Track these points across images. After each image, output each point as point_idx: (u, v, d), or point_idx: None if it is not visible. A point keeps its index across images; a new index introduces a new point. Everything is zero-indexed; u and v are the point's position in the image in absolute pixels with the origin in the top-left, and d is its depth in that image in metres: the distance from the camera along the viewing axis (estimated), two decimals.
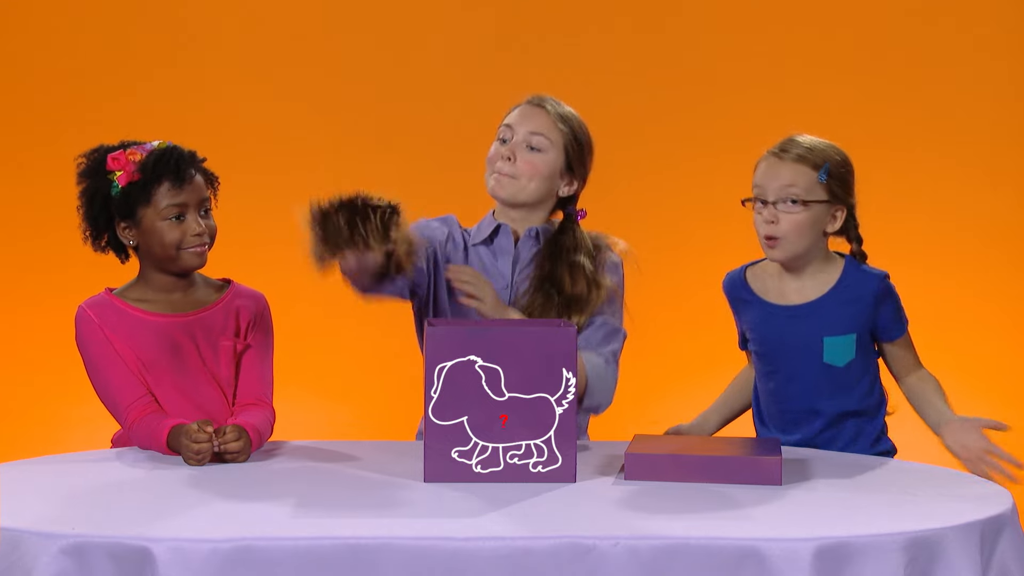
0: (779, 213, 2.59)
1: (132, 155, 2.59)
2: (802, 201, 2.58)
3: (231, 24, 4.44)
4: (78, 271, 4.35)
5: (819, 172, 2.59)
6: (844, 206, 2.63)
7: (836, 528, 1.93)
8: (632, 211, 4.43)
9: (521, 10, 4.43)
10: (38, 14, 4.40)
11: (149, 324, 2.60)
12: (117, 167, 2.59)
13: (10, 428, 4.34)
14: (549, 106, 2.77)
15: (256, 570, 1.83)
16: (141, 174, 2.58)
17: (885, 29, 4.38)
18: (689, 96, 4.43)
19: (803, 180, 2.59)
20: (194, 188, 2.61)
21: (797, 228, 2.59)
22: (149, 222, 2.59)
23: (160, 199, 2.58)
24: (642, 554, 1.87)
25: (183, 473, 2.32)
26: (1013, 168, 4.36)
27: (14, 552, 1.88)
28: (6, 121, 4.40)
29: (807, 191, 2.59)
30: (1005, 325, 4.35)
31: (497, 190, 2.74)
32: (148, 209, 2.59)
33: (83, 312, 2.64)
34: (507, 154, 2.72)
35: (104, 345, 2.59)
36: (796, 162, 2.60)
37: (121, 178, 2.59)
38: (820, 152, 2.62)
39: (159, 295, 2.63)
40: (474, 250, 2.76)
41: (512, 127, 2.75)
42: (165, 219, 2.58)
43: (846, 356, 2.63)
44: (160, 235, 2.59)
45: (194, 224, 2.60)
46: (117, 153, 2.60)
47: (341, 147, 4.42)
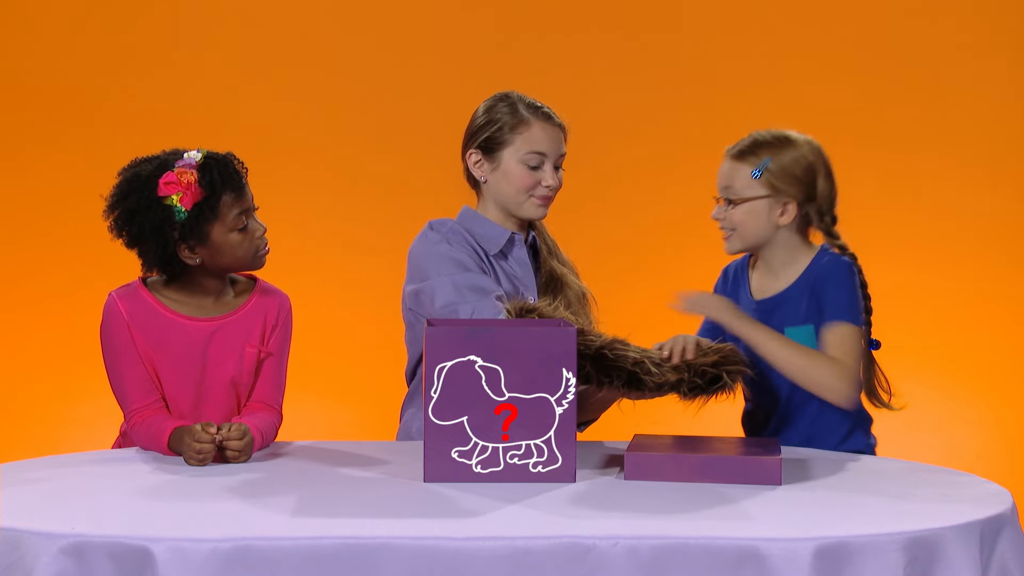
0: (723, 210, 2.69)
1: (183, 174, 2.49)
2: (739, 199, 2.65)
3: (231, 24, 4.44)
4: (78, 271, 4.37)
5: (756, 168, 2.65)
6: (792, 199, 2.64)
7: (836, 528, 1.93)
8: (632, 211, 4.44)
9: (521, 10, 4.43)
10: (38, 14, 4.40)
11: (178, 326, 2.55)
12: (174, 190, 2.48)
13: (10, 428, 4.34)
14: (559, 120, 2.81)
15: (256, 570, 1.83)
16: (205, 191, 2.50)
17: (885, 29, 4.38)
18: (689, 96, 4.43)
19: (740, 177, 2.66)
20: (248, 190, 2.57)
21: (739, 223, 2.67)
22: (219, 237, 2.52)
23: (227, 211, 2.52)
24: (642, 554, 1.87)
25: (183, 473, 2.32)
26: (1013, 168, 4.36)
27: (14, 552, 1.88)
28: (6, 121, 4.41)
29: (744, 187, 2.66)
30: (1005, 325, 4.35)
31: (540, 214, 2.80)
32: (216, 224, 2.51)
33: (112, 304, 2.56)
34: (555, 183, 2.78)
35: (127, 342, 2.54)
36: (735, 159, 2.69)
37: (184, 200, 2.48)
38: (766, 148, 2.66)
39: (194, 299, 2.58)
40: (497, 264, 2.76)
41: (545, 154, 2.77)
42: (233, 230, 2.52)
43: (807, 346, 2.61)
44: (231, 247, 2.53)
45: (257, 227, 2.57)
46: (168, 176, 2.49)
47: (341, 147, 4.42)
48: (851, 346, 2.56)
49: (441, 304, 2.62)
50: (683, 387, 2.39)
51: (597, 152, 4.41)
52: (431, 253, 2.70)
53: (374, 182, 4.42)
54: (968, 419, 4.30)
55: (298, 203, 4.30)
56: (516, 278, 2.76)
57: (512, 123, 2.76)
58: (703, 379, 2.38)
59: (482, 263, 2.72)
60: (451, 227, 2.75)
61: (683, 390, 2.40)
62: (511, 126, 2.76)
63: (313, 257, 4.33)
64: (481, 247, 2.75)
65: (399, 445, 2.66)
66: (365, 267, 4.35)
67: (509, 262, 2.78)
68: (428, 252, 2.71)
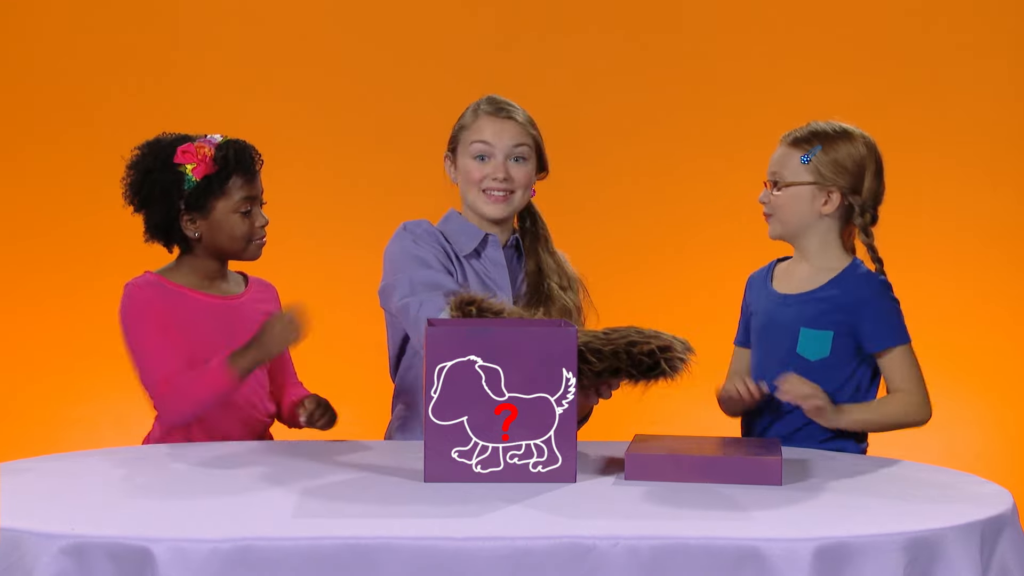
0: (768, 194, 2.71)
1: (202, 148, 2.61)
2: (784, 183, 2.68)
3: (231, 24, 4.44)
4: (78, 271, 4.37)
5: (805, 154, 2.68)
6: (837, 190, 2.66)
7: (836, 528, 1.93)
8: (633, 211, 4.44)
9: (521, 10, 4.43)
10: (38, 14, 4.40)
11: (203, 304, 2.64)
12: (189, 160, 2.60)
13: (10, 428, 4.35)
14: (516, 114, 2.77)
15: (256, 570, 1.83)
16: (219, 166, 2.61)
17: (885, 29, 4.38)
18: (689, 96, 4.43)
19: (789, 163, 2.69)
20: (259, 182, 2.69)
21: (781, 207, 2.69)
22: (221, 214, 2.63)
23: (234, 192, 2.63)
24: (642, 554, 1.87)
25: (183, 473, 2.32)
26: (1013, 168, 4.36)
27: (14, 552, 1.87)
28: (6, 121, 4.41)
29: (792, 172, 2.68)
30: (1005, 325, 4.35)
31: (493, 211, 2.75)
32: (221, 201, 2.63)
33: (135, 288, 2.63)
34: (501, 174, 2.73)
35: (159, 313, 2.60)
36: (789, 146, 2.71)
37: (196, 170, 2.60)
38: (820, 137, 2.70)
39: (203, 281, 2.67)
40: (466, 263, 2.76)
41: (489, 143, 2.74)
42: (236, 211, 2.63)
43: (819, 352, 2.63)
44: (231, 227, 2.64)
45: (260, 216, 2.68)
46: (187, 146, 2.62)
47: (341, 147, 4.43)
48: (912, 366, 2.65)
49: (397, 299, 2.65)
50: (621, 375, 2.35)
51: (597, 152, 4.42)
52: (398, 251, 2.73)
53: (374, 182, 4.42)
54: (968, 419, 4.30)
55: (298, 202, 4.30)
56: (489, 278, 2.76)
57: (466, 121, 2.78)
58: (639, 369, 2.35)
59: (449, 263, 2.73)
60: (425, 228, 2.77)
61: (621, 377, 2.36)
62: (465, 124, 2.78)
63: (312, 256, 4.33)
64: (453, 248, 2.76)
65: (399, 445, 2.66)
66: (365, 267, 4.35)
67: (483, 262, 2.77)
68: (396, 251, 2.74)
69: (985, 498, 2.13)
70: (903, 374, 2.65)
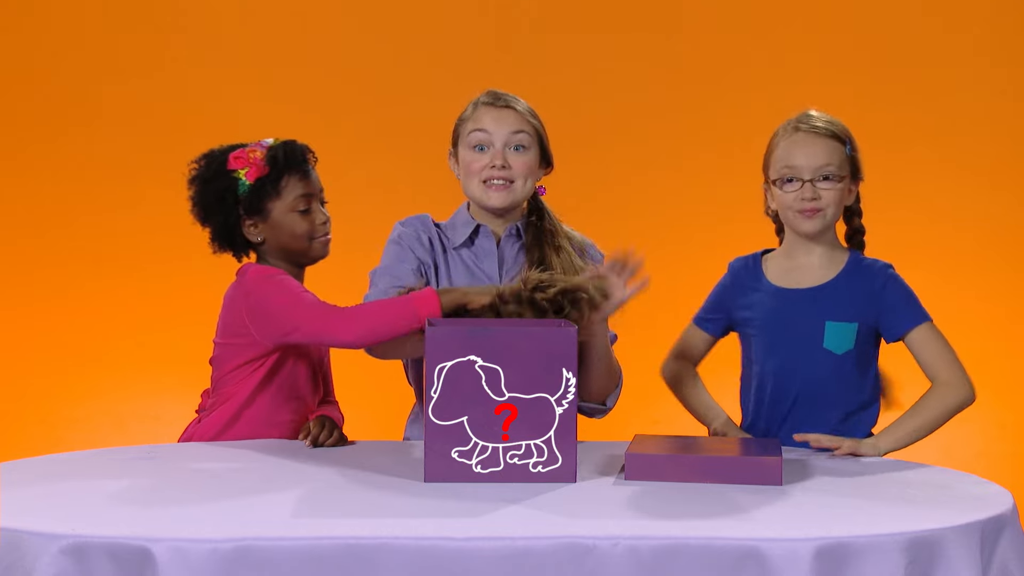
0: (819, 189, 2.64)
1: (252, 152, 2.62)
2: (837, 176, 2.64)
3: (231, 24, 4.44)
4: (78, 271, 4.37)
5: (845, 146, 2.66)
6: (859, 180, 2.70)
7: (836, 528, 1.93)
8: (633, 210, 4.44)
9: (521, 10, 4.43)
10: (39, 14, 4.40)
11: None
12: (242, 165, 2.61)
13: (10, 428, 4.35)
14: (515, 104, 2.76)
15: (256, 570, 1.83)
16: (270, 167, 2.62)
17: (885, 29, 4.38)
18: (689, 96, 4.43)
19: (837, 156, 2.65)
20: (315, 179, 2.70)
21: (834, 201, 2.64)
22: (279, 215, 2.64)
23: (289, 191, 2.64)
24: (642, 554, 1.86)
25: (183, 473, 2.32)
26: (1013, 168, 4.36)
27: (14, 552, 1.87)
28: (7, 121, 4.41)
29: (840, 166, 2.65)
30: (1005, 325, 4.35)
31: (494, 200, 2.73)
32: (277, 202, 2.64)
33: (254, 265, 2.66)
34: (499, 162, 2.71)
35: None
36: (830, 138, 2.66)
37: (249, 174, 2.61)
38: (840, 126, 2.69)
39: None
40: (455, 254, 2.75)
41: (488, 132, 2.72)
42: (294, 211, 2.64)
43: (845, 344, 2.63)
44: (290, 227, 2.65)
45: (319, 213, 2.69)
46: (238, 152, 2.63)
47: (341, 147, 4.42)
48: (940, 340, 2.63)
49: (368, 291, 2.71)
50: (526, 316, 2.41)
51: (597, 152, 4.42)
52: (386, 247, 2.77)
53: (374, 182, 4.42)
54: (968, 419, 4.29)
55: None
56: (479, 267, 2.75)
57: (466, 115, 2.78)
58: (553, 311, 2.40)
59: (431, 253, 2.74)
60: (411, 222, 2.79)
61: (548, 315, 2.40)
62: (465, 117, 2.78)
63: None
64: (448, 240, 2.77)
65: (399, 445, 2.66)
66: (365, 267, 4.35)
67: (473, 251, 2.77)
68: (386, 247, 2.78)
69: (985, 498, 2.13)
70: (933, 350, 2.62)
